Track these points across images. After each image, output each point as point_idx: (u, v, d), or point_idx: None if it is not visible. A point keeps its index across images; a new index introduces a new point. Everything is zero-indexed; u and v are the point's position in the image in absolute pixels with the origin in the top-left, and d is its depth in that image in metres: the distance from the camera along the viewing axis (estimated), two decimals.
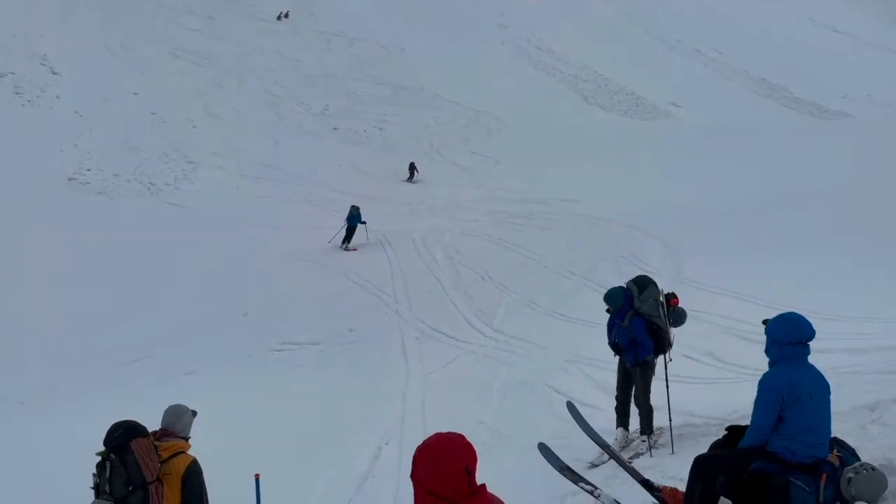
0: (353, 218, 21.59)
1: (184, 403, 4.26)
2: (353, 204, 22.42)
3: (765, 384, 3.95)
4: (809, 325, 3.96)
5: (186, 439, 4.12)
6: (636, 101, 42.56)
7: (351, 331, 14.19)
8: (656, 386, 6.77)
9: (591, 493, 4.44)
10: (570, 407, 5.58)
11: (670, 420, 6.47)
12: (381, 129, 35.69)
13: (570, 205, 23.48)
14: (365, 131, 35.39)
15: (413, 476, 2.42)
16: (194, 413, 4.26)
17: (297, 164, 30.32)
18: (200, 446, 4.28)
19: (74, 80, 34.36)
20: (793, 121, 38.94)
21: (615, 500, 4.41)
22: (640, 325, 6.43)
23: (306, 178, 29.11)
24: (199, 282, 18.82)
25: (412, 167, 30.13)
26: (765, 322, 4.09)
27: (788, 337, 3.92)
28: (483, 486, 2.40)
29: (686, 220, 19.21)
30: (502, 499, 2.59)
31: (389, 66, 43.57)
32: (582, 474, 5.41)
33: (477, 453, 2.44)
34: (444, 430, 2.81)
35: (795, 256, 14.31)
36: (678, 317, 6.59)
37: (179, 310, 16.94)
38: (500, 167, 29.92)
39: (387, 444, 8.13)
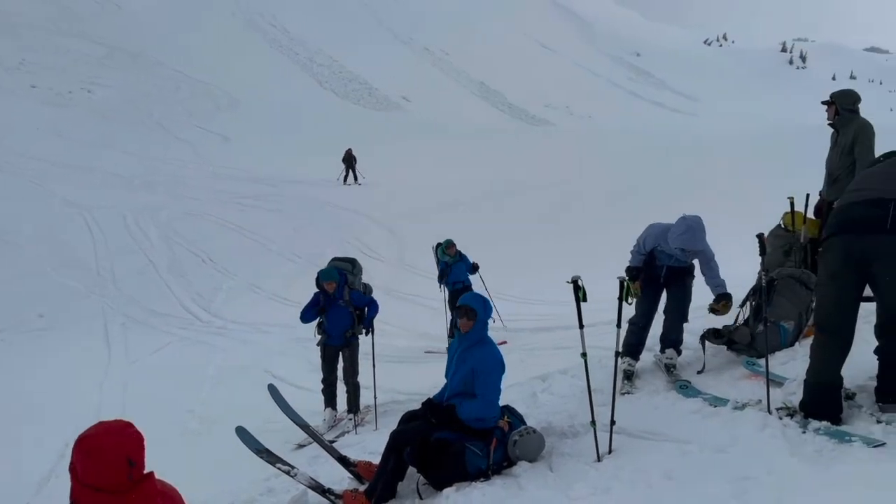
0: (458, 270, 10.54)
1: None
2: (439, 242, 10.90)
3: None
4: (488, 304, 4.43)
5: None
6: (369, 91, 43.70)
7: (41, 316, 12.62)
8: (364, 366, 7.05)
9: (288, 473, 4.51)
10: (272, 390, 5.59)
11: (375, 398, 6.81)
12: (90, 91, 32.00)
13: (299, 187, 23.36)
14: (70, 92, 31.44)
15: (70, 468, 2.23)
16: None
17: None
18: None
19: None
20: (505, 123, 43.02)
21: (311, 478, 4.54)
22: (359, 293, 7.08)
23: None
24: None
25: (350, 158, 23.41)
26: None
27: None
28: (150, 475, 2.29)
29: (412, 209, 20.23)
30: (175, 486, 2.50)
31: (104, 24, 39.25)
32: (288, 456, 5.45)
33: (145, 441, 2.31)
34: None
35: (508, 246, 15.96)
36: (367, 289, 7.37)
37: None
38: (229, 145, 28.67)
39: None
